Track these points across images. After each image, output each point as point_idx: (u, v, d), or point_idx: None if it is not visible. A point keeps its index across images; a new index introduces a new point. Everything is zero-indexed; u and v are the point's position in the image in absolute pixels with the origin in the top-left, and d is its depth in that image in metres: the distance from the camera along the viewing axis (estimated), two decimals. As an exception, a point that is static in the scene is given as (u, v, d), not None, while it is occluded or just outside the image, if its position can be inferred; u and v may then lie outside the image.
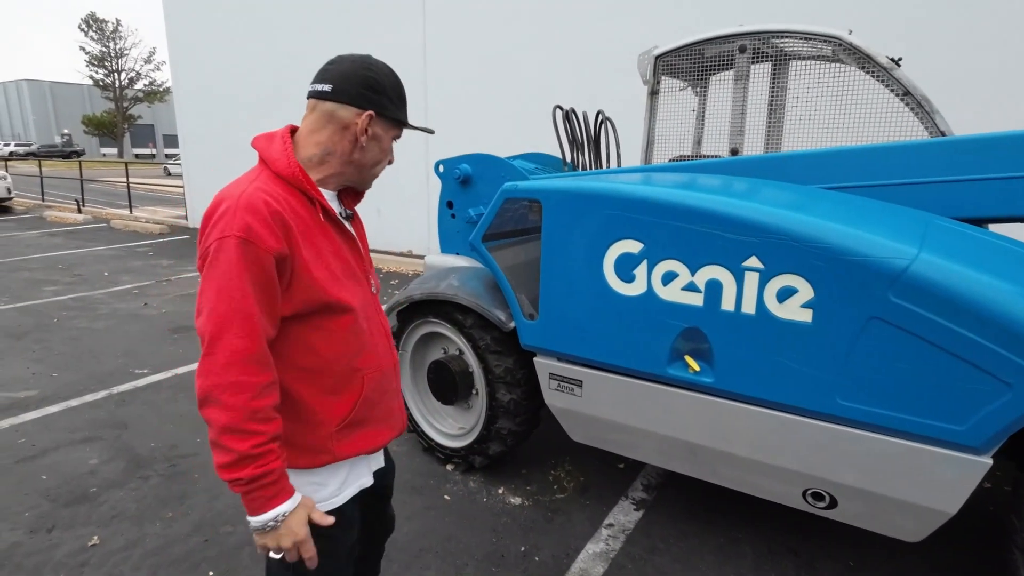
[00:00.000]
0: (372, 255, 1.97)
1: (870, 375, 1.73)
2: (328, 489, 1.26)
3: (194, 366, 4.19)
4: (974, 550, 2.35)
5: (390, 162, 1.33)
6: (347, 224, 1.31)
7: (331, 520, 1.19)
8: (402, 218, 8.48)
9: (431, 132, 1.45)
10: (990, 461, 1.64)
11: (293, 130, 1.26)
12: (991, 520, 2.55)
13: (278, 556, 1.13)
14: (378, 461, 1.42)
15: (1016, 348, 1.53)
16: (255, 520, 1.09)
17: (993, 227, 2.24)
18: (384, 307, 2.27)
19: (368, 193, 1.42)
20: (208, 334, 1.06)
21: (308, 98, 1.22)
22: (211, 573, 2.17)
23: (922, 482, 1.74)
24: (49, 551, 2.28)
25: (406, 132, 1.34)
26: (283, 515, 1.10)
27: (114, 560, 2.24)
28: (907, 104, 2.45)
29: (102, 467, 2.89)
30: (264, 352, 1.09)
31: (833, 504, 1.98)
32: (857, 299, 1.70)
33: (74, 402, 3.62)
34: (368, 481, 1.36)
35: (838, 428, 1.83)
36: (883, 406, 1.73)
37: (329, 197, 1.26)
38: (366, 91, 1.19)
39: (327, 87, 1.19)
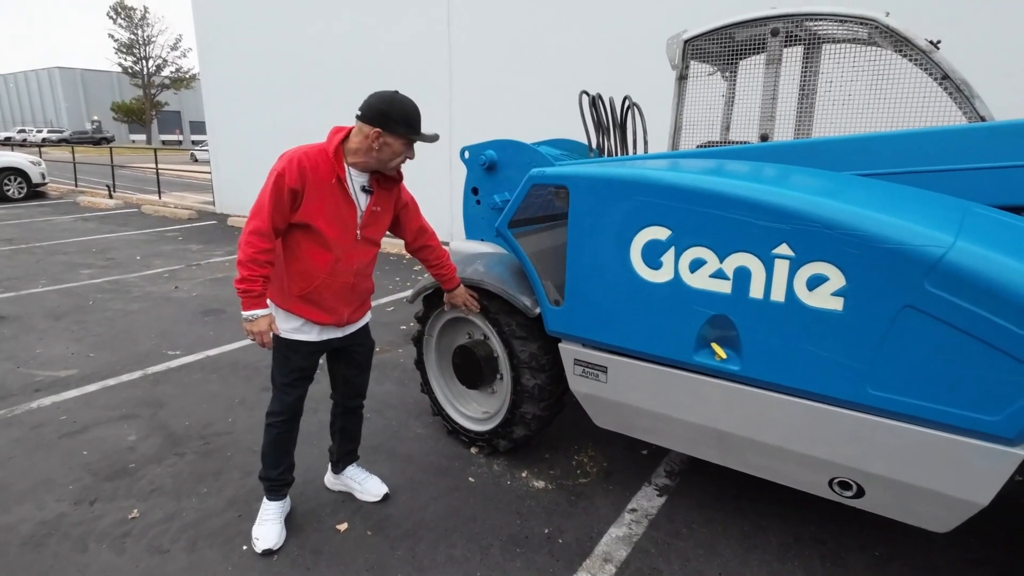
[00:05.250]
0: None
1: (902, 364, 1.71)
2: (287, 324, 2.16)
3: (225, 348, 4.35)
4: (1007, 545, 2.32)
5: (410, 157, 2.08)
6: (357, 193, 2.09)
7: (278, 331, 2.13)
8: (425, 204, 8.51)
9: (435, 139, 2.07)
10: (1023, 453, 1.62)
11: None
12: None
13: (252, 340, 2.04)
14: (331, 334, 2.24)
15: (1055, 339, 1.50)
16: (243, 313, 1.99)
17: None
18: (410, 292, 2.85)
19: None
20: (250, 214, 1.99)
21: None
22: (244, 547, 2.25)
23: (953, 472, 1.73)
24: (93, 522, 2.38)
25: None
26: (255, 315, 1.99)
27: (154, 532, 2.33)
28: (946, 88, 2.38)
29: (140, 443, 3.00)
30: (269, 233, 1.96)
31: (860, 493, 1.97)
32: (890, 287, 1.68)
33: (111, 381, 3.75)
34: (313, 338, 2.19)
35: (868, 417, 1.81)
36: (915, 396, 1.71)
37: (356, 174, 2.08)
38: (378, 115, 1.97)
39: (359, 112, 2.01)
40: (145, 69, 47.41)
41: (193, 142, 46.67)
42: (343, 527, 2.38)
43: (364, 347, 2.42)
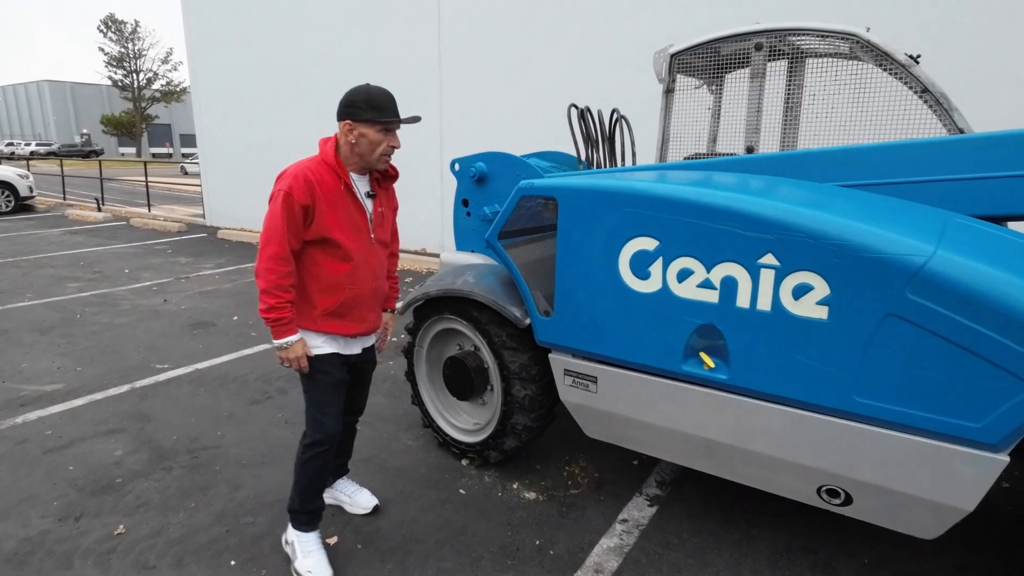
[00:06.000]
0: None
1: (886, 372, 1.73)
2: (315, 341, 2.09)
3: (214, 361, 4.31)
4: (994, 551, 2.34)
5: (394, 146, 2.03)
6: (363, 197, 2.07)
7: (312, 353, 2.07)
8: (416, 216, 8.53)
9: (415, 121, 2.02)
10: (1007, 458, 1.64)
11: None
12: (1012, 520, 2.53)
13: (286, 365, 2.03)
14: (353, 348, 2.20)
15: (1034, 345, 1.53)
16: (276, 342, 1.98)
17: (1012, 225, 2.22)
18: (400, 304, 2.73)
19: None
20: (263, 240, 1.93)
21: None
22: (232, 562, 2.23)
23: (939, 479, 1.75)
24: (77, 539, 2.35)
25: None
26: (289, 342, 1.98)
27: (140, 548, 2.30)
28: (925, 101, 2.43)
29: (126, 458, 2.97)
30: (288, 256, 1.93)
31: (848, 501, 1.99)
32: (873, 296, 1.71)
33: (98, 395, 3.71)
34: (340, 350, 2.14)
35: (854, 425, 1.83)
36: (899, 403, 1.73)
37: (357, 178, 2.06)
38: (345, 108, 1.96)
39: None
40: (135, 82, 47.35)
41: (183, 155, 46.55)
42: (333, 541, 2.36)
43: (371, 363, 2.38)
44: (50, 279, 6.87)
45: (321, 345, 2.10)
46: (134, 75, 47.30)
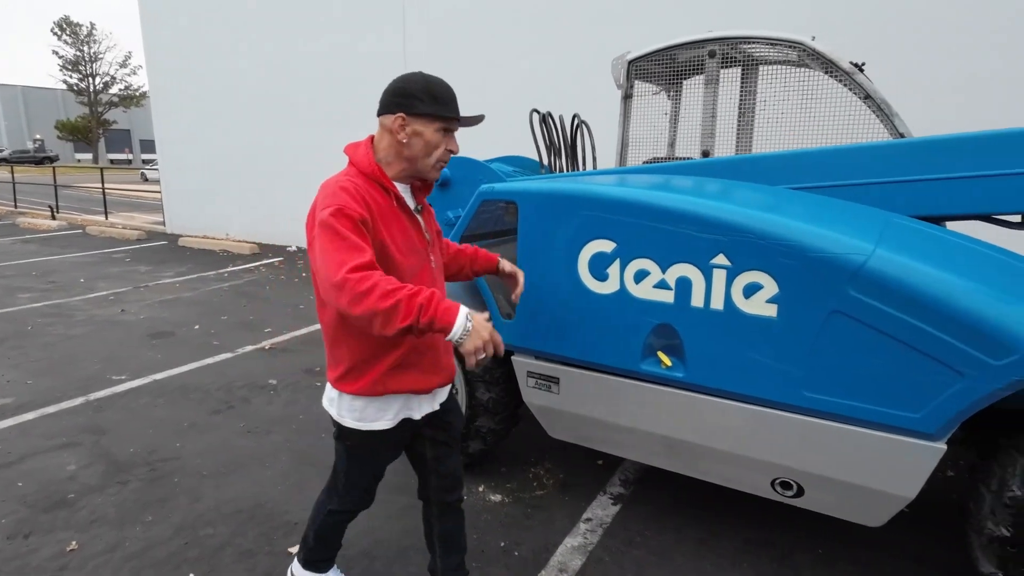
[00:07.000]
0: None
1: (832, 367, 1.80)
2: (380, 413, 1.63)
3: (173, 371, 4.21)
4: (944, 540, 2.42)
5: (452, 150, 1.62)
6: (416, 214, 1.65)
7: (371, 428, 1.61)
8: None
9: (479, 121, 1.66)
10: (944, 447, 1.72)
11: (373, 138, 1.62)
12: (957, 510, 2.64)
13: (482, 357, 1.41)
14: (431, 404, 1.72)
15: (967, 338, 1.61)
16: (454, 331, 1.38)
17: (950, 224, 2.34)
18: None
19: None
20: (333, 265, 1.37)
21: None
22: (191, 574, 2.18)
23: (882, 468, 1.82)
24: (27, 556, 2.27)
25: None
26: (470, 314, 1.40)
27: (93, 564, 2.23)
28: (869, 107, 2.54)
29: (80, 472, 2.88)
30: (370, 262, 1.38)
31: (800, 492, 2.05)
32: (819, 294, 1.77)
33: (51, 409, 3.58)
34: (412, 414, 1.68)
35: (804, 419, 1.90)
36: (845, 396, 1.80)
37: (403, 189, 1.62)
38: (397, 97, 1.52)
39: (378, 107, 1.56)
40: (92, 87, 45.89)
41: (144, 161, 45.29)
42: (295, 550, 2.32)
43: (455, 413, 1.86)
44: (0, 289, 6.61)
45: (393, 417, 1.65)
46: (90, 79, 45.85)
